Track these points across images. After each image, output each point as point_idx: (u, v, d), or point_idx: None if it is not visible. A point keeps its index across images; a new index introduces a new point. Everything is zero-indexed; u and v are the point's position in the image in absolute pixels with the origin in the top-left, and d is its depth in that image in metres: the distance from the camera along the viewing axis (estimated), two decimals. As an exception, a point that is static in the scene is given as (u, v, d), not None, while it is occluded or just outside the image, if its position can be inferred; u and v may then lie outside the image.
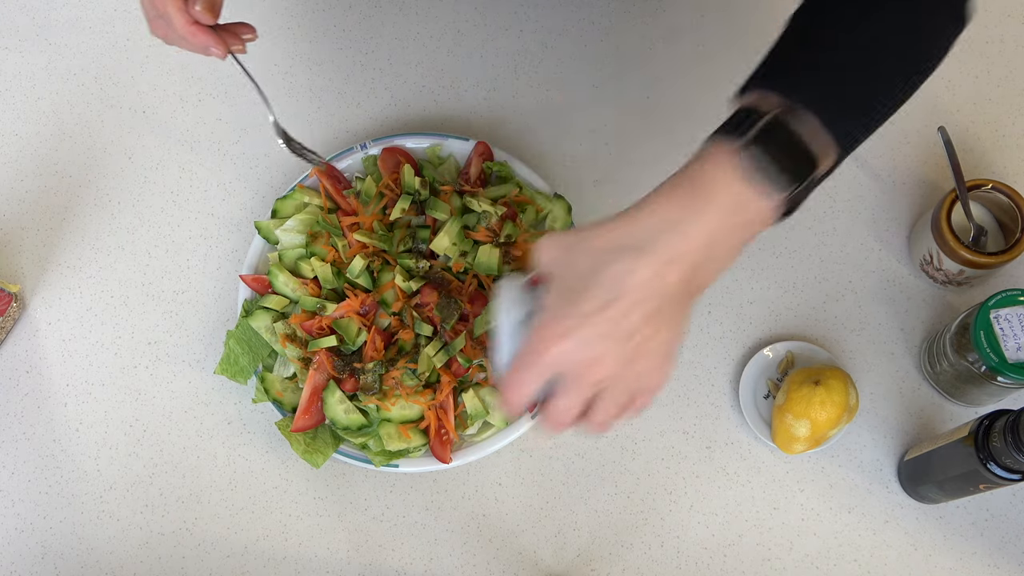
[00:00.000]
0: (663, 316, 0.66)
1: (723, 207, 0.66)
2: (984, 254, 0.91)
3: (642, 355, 0.67)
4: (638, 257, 0.65)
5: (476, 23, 1.10)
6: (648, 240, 0.65)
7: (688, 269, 0.66)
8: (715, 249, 0.67)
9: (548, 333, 0.66)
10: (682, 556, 0.93)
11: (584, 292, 0.65)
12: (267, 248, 0.99)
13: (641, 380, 0.68)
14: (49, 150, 1.07)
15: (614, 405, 0.68)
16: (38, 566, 0.95)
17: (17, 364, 1.00)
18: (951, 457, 0.84)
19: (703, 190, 0.66)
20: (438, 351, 0.92)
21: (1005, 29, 1.07)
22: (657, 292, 0.66)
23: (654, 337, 0.66)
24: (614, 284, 0.65)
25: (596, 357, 0.66)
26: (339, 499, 0.95)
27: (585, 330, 0.65)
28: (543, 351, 0.66)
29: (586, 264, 0.66)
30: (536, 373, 0.67)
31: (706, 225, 0.66)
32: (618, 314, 0.65)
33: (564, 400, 0.68)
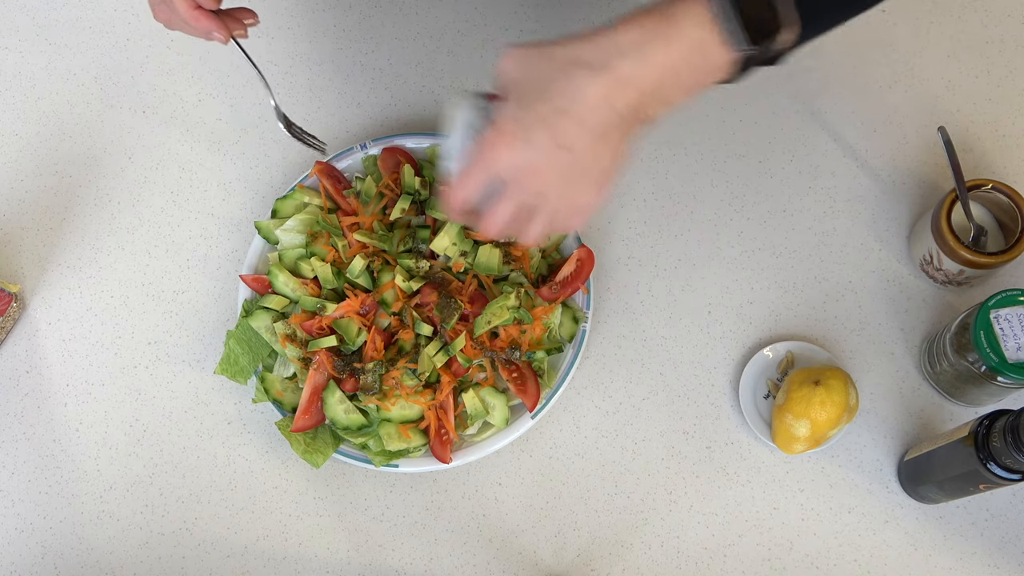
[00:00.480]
0: (606, 139, 0.68)
1: (686, 42, 0.66)
2: (984, 254, 0.91)
3: (580, 173, 0.68)
4: (593, 74, 0.66)
5: (476, 23, 1.10)
6: (606, 59, 0.66)
7: (638, 96, 0.67)
8: (668, 83, 0.67)
9: (495, 138, 0.68)
10: (682, 556, 0.93)
11: (534, 101, 0.67)
12: (267, 248, 0.99)
13: (575, 197, 0.70)
14: (49, 150, 1.07)
15: (546, 217, 0.70)
16: (38, 566, 0.95)
17: (17, 364, 1.00)
18: (951, 457, 0.84)
19: (671, 22, 0.66)
20: (438, 351, 0.92)
21: (1005, 29, 1.07)
22: (605, 113, 0.67)
23: (593, 158, 0.68)
24: (565, 97, 0.66)
25: (536, 166, 0.67)
26: (339, 499, 0.95)
27: (530, 135, 0.67)
28: (487, 153, 0.68)
29: (542, 75, 0.67)
30: (479, 174, 0.69)
31: (666, 55, 0.66)
32: (564, 127, 0.66)
33: (501, 204, 0.70)
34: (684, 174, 1.04)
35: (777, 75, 1.06)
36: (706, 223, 1.02)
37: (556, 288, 0.94)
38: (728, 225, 1.02)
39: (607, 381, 0.98)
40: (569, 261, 0.96)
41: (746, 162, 1.04)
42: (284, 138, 1.07)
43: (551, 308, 0.93)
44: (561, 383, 0.93)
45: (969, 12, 1.08)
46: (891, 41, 1.07)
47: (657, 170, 1.04)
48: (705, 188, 1.03)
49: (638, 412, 0.97)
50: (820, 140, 1.04)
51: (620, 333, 0.99)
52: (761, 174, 1.03)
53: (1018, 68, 1.06)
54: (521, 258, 0.95)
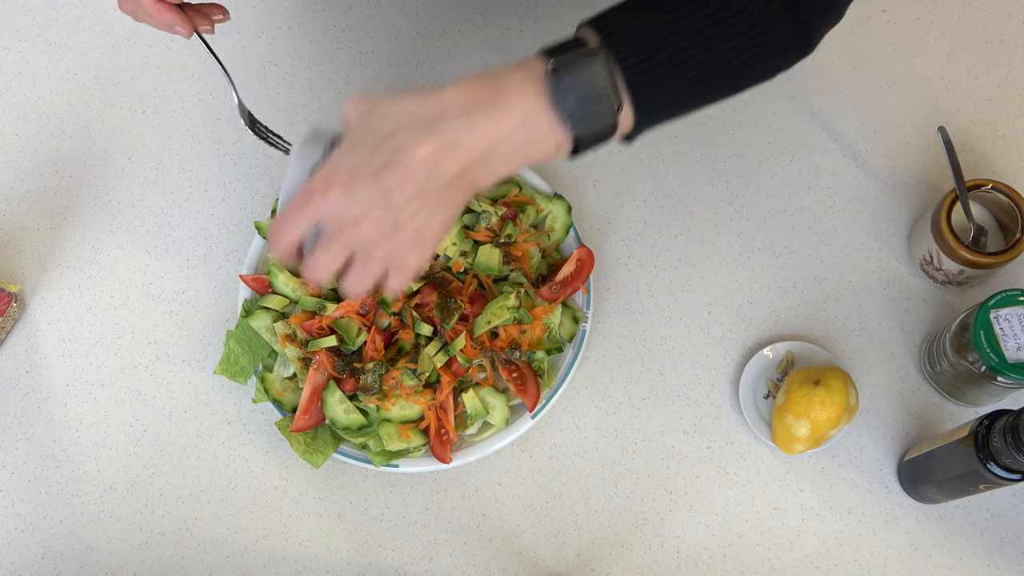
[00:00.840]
0: (431, 200, 0.67)
1: (516, 116, 0.66)
2: (984, 254, 0.91)
3: (403, 231, 0.67)
4: (424, 133, 0.66)
5: (476, 23, 1.10)
6: (438, 120, 0.66)
7: (465, 161, 0.67)
8: (496, 153, 0.67)
9: (320, 183, 0.67)
10: (682, 556, 0.93)
11: (366, 152, 0.67)
12: (267, 248, 0.99)
13: (398, 255, 0.69)
14: (49, 150, 1.07)
15: (368, 271, 0.69)
16: (38, 566, 0.95)
17: (17, 364, 1.00)
18: (951, 457, 0.84)
19: (505, 93, 0.67)
20: (438, 351, 0.92)
21: (1005, 29, 1.07)
22: (431, 174, 0.66)
23: (417, 217, 0.67)
24: (395, 153, 0.66)
25: (357, 216, 0.67)
26: (339, 499, 0.95)
27: (354, 186, 0.66)
28: (311, 197, 0.67)
29: (378, 127, 0.67)
30: (301, 217, 0.68)
31: (495, 125, 0.66)
32: (390, 182, 0.66)
33: (322, 252, 0.69)
34: (684, 174, 1.04)
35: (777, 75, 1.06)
36: (706, 223, 1.02)
37: (556, 288, 0.94)
38: (728, 225, 1.02)
39: (607, 381, 0.98)
40: (569, 261, 0.96)
41: (746, 162, 1.04)
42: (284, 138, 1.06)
43: (551, 308, 0.93)
44: (561, 383, 0.93)
45: (969, 12, 1.08)
46: (891, 41, 1.07)
47: (657, 170, 1.04)
48: (705, 188, 1.03)
49: (638, 412, 0.97)
50: (820, 140, 1.04)
51: (620, 333, 0.99)
52: (761, 174, 1.03)
53: (1018, 68, 1.06)
54: (521, 258, 0.95)
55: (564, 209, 0.98)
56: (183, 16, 0.81)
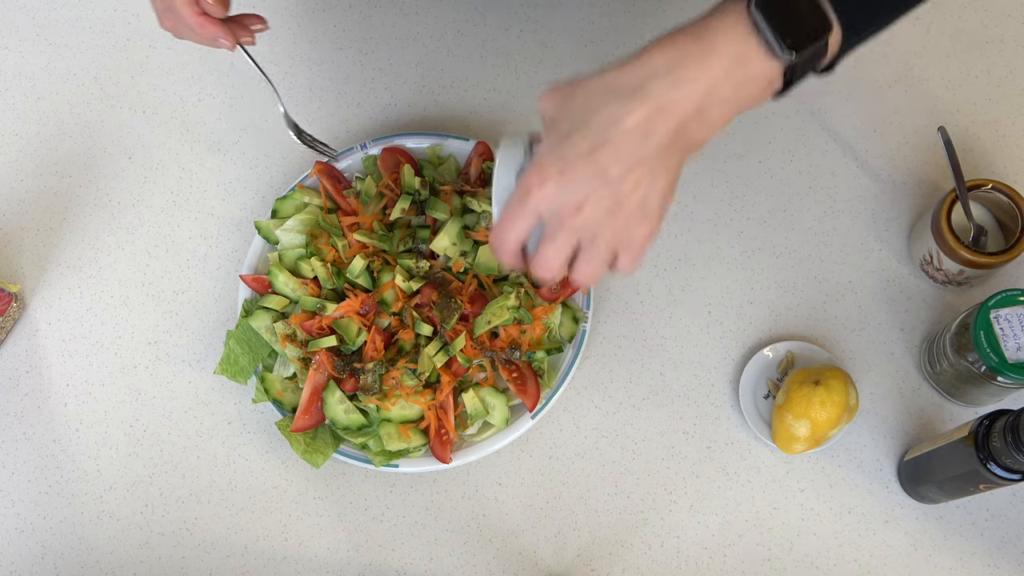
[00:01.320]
0: (649, 168, 0.65)
1: (725, 57, 0.64)
2: (984, 254, 0.91)
3: (626, 206, 0.66)
4: (629, 101, 0.64)
5: (476, 23, 1.10)
6: (642, 85, 0.64)
7: (678, 120, 0.64)
8: (710, 103, 0.65)
9: (534, 177, 0.66)
10: (682, 556, 0.93)
11: (572, 135, 0.65)
12: (267, 248, 0.99)
13: (626, 233, 0.67)
14: (49, 150, 1.07)
15: (598, 256, 0.68)
16: (38, 566, 0.95)
17: (17, 364, 1.00)
18: (951, 457, 0.84)
19: (707, 38, 0.64)
20: (438, 351, 0.92)
21: (1005, 29, 1.07)
22: (645, 141, 0.64)
23: (638, 189, 0.65)
24: (603, 128, 0.64)
25: (578, 201, 0.65)
26: (339, 499, 0.95)
27: (569, 173, 0.64)
28: (527, 193, 0.66)
29: (578, 108, 0.65)
30: (521, 217, 0.66)
31: (705, 74, 0.64)
32: (604, 159, 0.64)
33: (548, 246, 0.67)
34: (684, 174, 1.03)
35: (777, 75, 1.06)
36: (706, 223, 1.02)
37: (556, 288, 0.94)
38: (728, 225, 1.02)
39: (607, 381, 0.98)
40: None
41: (746, 162, 1.04)
42: (284, 138, 1.06)
43: (551, 308, 0.93)
44: (561, 383, 0.93)
45: (969, 12, 1.08)
46: (891, 41, 1.07)
47: (657, 170, 1.04)
48: (705, 188, 1.03)
49: (638, 412, 0.97)
50: (820, 140, 1.04)
51: (620, 333, 0.99)
52: (761, 174, 1.03)
53: (1018, 68, 1.06)
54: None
55: (564, 209, 0.98)
56: (226, 29, 0.80)
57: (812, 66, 0.68)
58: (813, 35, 0.65)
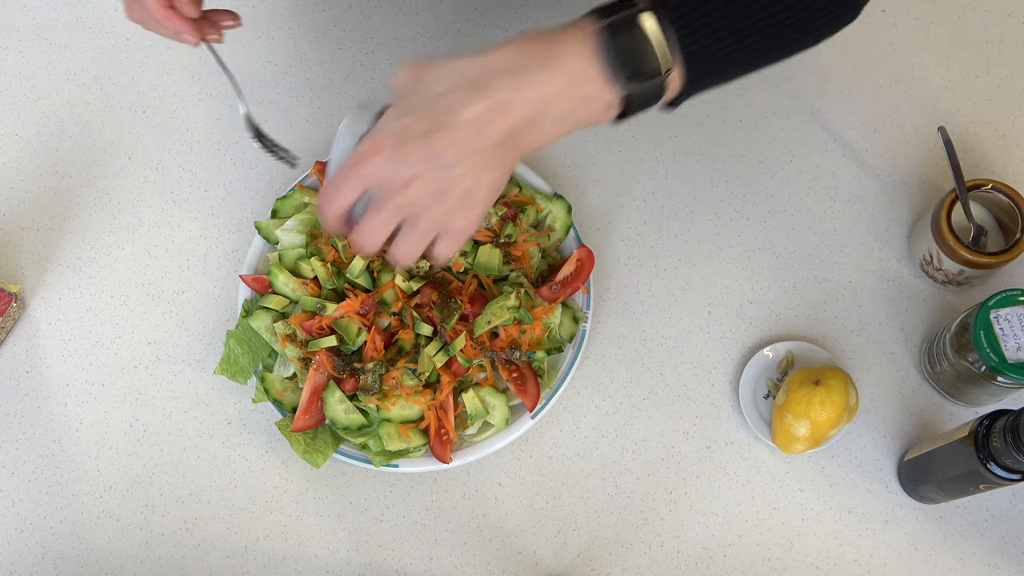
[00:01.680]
0: (480, 161, 0.67)
1: (565, 74, 0.66)
2: (984, 254, 0.91)
3: (452, 193, 0.67)
4: (471, 92, 0.66)
5: (476, 23, 1.10)
6: (486, 80, 0.66)
7: (514, 121, 0.66)
8: (545, 114, 0.67)
9: (369, 146, 0.67)
10: (682, 556, 0.93)
11: (414, 113, 0.67)
12: (267, 248, 0.99)
13: (447, 219, 0.69)
14: (49, 150, 1.07)
15: (417, 236, 0.69)
16: (38, 566, 0.95)
17: (17, 364, 1.00)
18: (951, 457, 0.84)
19: (554, 51, 0.67)
20: (438, 351, 0.92)
21: (1005, 29, 1.07)
22: (479, 134, 0.66)
23: (465, 179, 0.67)
24: (444, 114, 0.66)
25: (407, 179, 0.67)
26: (339, 499, 0.95)
27: (403, 149, 0.66)
28: (360, 160, 0.67)
29: (428, 89, 0.67)
30: (350, 183, 0.68)
31: (545, 83, 0.66)
32: (439, 143, 0.66)
33: (372, 217, 0.68)
34: (684, 174, 1.04)
35: (777, 75, 1.06)
36: (706, 223, 1.02)
37: (556, 288, 0.94)
38: (728, 225, 1.02)
39: (607, 381, 0.98)
40: (569, 261, 0.96)
41: (746, 162, 1.04)
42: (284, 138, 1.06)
43: (551, 308, 0.93)
44: (561, 383, 0.93)
45: (969, 12, 1.08)
46: (891, 41, 1.07)
47: (657, 170, 1.04)
48: (705, 188, 1.03)
49: (638, 412, 0.97)
50: (820, 140, 1.04)
51: (620, 333, 0.99)
52: (761, 174, 1.03)
53: (1018, 68, 1.06)
54: (521, 258, 0.95)
55: (564, 209, 0.98)
56: (192, 24, 0.80)
57: (651, 100, 0.69)
58: (650, 73, 0.67)
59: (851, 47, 1.07)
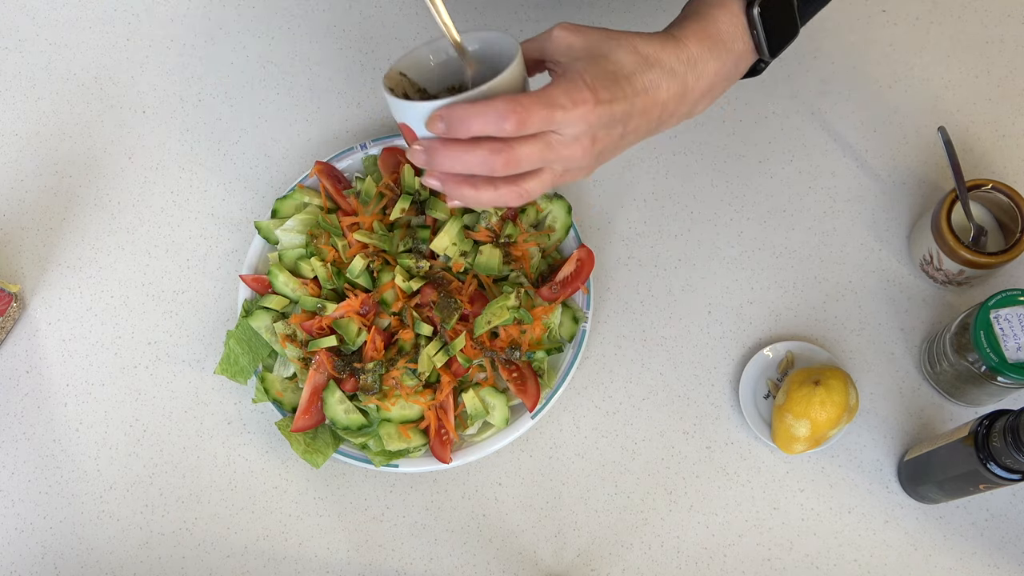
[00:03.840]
0: (640, 134, 0.71)
1: (732, 56, 0.72)
2: (984, 254, 0.91)
3: (604, 153, 0.70)
4: (669, 77, 0.70)
5: (476, 23, 1.10)
6: (677, 68, 0.70)
7: (686, 105, 0.72)
8: (711, 94, 0.73)
9: (589, 94, 0.66)
10: (682, 556, 0.93)
11: (622, 79, 0.68)
12: (267, 248, 0.99)
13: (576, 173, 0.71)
14: (49, 150, 1.07)
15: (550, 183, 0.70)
16: (38, 566, 0.95)
17: (17, 364, 1.00)
18: (951, 457, 0.84)
19: (719, 38, 0.72)
20: (438, 351, 0.92)
21: (1005, 29, 1.07)
22: (663, 113, 0.71)
23: (621, 144, 0.71)
24: (648, 87, 0.69)
25: (599, 137, 0.68)
26: (339, 499, 0.95)
27: (615, 108, 0.67)
28: (577, 103, 0.66)
29: (628, 60, 0.69)
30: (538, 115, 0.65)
31: (719, 70, 0.72)
32: (637, 110, 0.69)
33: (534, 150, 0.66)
34: (684, 174, 1.04)
35: (777, 75, 1.06)
36: (706, 223, 1.02)
37: (556, 288, 0.94)
38: (728, 225, 1.02)
39: (607, 381, 0.98)
40: (569, 261, 0.96)
41: (746, 162, 1.04)
42: (284, 138, 1.07)
43: (551, 308, 0.93)
44: (561, 383, 0.93)
45: (969, 12, 1.08)
46: (891, 41, 1.07)
47: (657, 170, 1.04)
48: (705, 188, 1.03)
49: (638, 412, 0.97)
50: (820, 140, 1.04)
51: (620, 333, 0.99)
52: (761, 174, 1.03)
53: (1018, 68, 1.06)
54: (521, 258, 0.95)
55: (564, 209, 0.98)
56: None
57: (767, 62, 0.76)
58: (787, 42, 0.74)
59: (851, 47, 1.07)
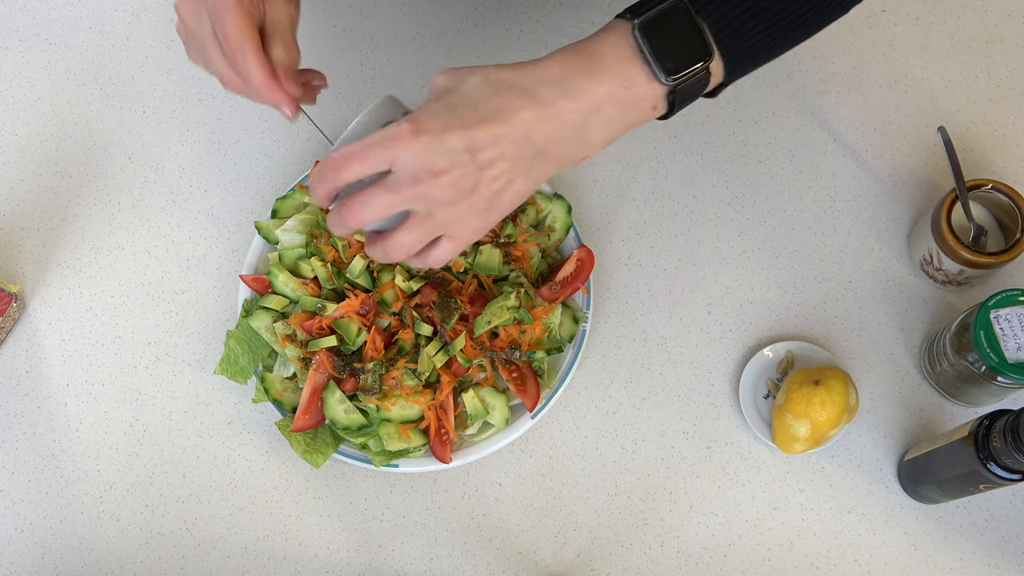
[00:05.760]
0: (516, 167, 0.66)
1: (611, 77, 0.66)
2: (984, 254, 0.91)
3: (480, 193, 0.66)
4: (525, 98, 0.65)
5: (476, 23, 1.10)
6: (535, 88, 0.66)
7: (560, 129, 0.66)
8: (594, 120, 0.67)
9: (408, 126, 0.64)
10: (682, 556, 0.93)
11: (462, 107, 0.65)
12: (267, 248, 0.99)
13: (463, 218, 0.66)
14: (49, 150, 1.07)
15: (425, 231, 0.66)
16: (38, 566, 0.95)
17: (17, 364, 1.00)
18: (951, 457, 0.84)
19: (596, 58, 0.67)
20: (438, 351, 0.92)
21: (1005, 29, 1.07)
22: (526, 139, 0.65)
23: (497, 182, 0.66)
24: (495, 111, 0.65)
25: (440, 168, 0.64)
26: (339, 499, 0.95)
27: (446, 136, 0.64)
28: (394, 138, 0.64)
29: (471, 91, 0.66)
30: (372, 156, 0.64)
31: (593, 89, 0.66)
32: (482, 139, 0.64)
33: (380, 195, 0.65)
34: (684, 174, 1.04)
35: (777, 75, 1.06)
36: (706, 223, 1.02)
37: (556, 288, 0.94)
38: (728, 225, 1.02)
39: (607, 381, 0.98)
40: (569, 261, 0.96)
41: (746, 162, 1.04)
42: (284, 138, 1.07)
43: (551, 308, 0.93)
44: (561, 383, 0.93)
45: (969, 12, 1.08)
46: (891, 41, 1.07)
47: (657, 170, 1.04)
48: (705, 188, 1.03)
49: (638, 412, 0.97)
50: (820, 140, 1.04)
51: (620, 333, 0.99)
52: (761, 174, 1.03)
53: (1018, 68, 1.06)
54: (521, 258, 0.95)
55: (564, 209, 0.98)
56: (291, 98, 0.75)
57: (695, 92, 0.69)
58: (692, 62, 0.67)
59: (851, 47, 1.07)
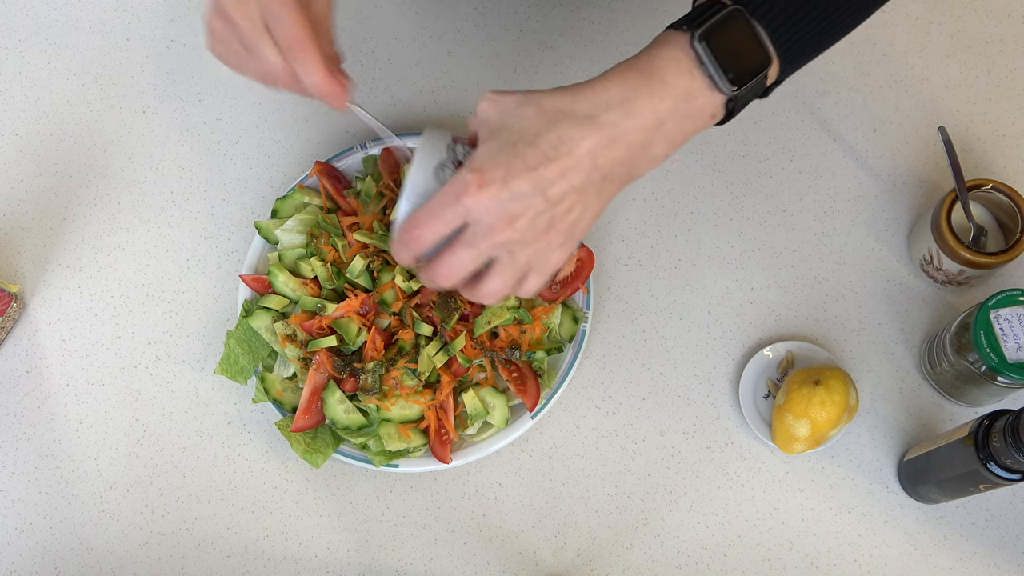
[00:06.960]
0: (588, 194, 0.65)
1: (673, 92, 0.65)
2: (984, 254, 0.91)
3: (556, 227, 0.65)
4: (582, 127, 0.64)
5: (476, 23, 1.10)
6: (596, 113, 0.65)
7: (626, 151, 0.65)
8: (657, 136, 0.66)
9: (474, 179, 0.63)
10: (682, 556, 0.93)
11: (519, 146, 0.64)
12: (267, 248, 0.99)
13: (544, 253, 0.66)
14: (49, 150, 1.07)
15: (513, 273, 0.66)
16: (38, 566, 0.95)
17: (17, 364, 1.00)
18: (951, 457, 0.84)
19: (655, 74, 0.66)
20: (438, 351, 0.92)
21: (1005, 29, 1.07)
22: (592, 168, 0.65)
23: (572, 212, 0.65)
24: (552, 147, 0.64)
25: (514, 214, 0.64)
26: (339, 499, 0.95)
27: (513, 182, 0.63)
28: (462, 194, 0.64)
29: (527, 123, 0.65)
30: (447, 217, 0.64)
31: (656, 107, 0.65)
32: (550, 176, 0.64)
33: (463, 252, 0.65)
34: (684, 174, 1.04)
35: (777, 75, 1.06)
36: (706, 223, 1.02)
37: (556, 288, 0.94)
38: (728, 225, 1.02)
39: (607, 381, 0.98)
40: (569, 261, 0.96)
41: (746, 162, 1.04)
42: (284, 138, 1.07)
43: (551, 308, 0.93)
44: (561, 383, 0.93)
45: (969, 12, 1.08)
46: (891, 41, 1.07)
47: (657, 170, 1.04)
48: (705, 188, 1.03)
49: (638, 412, 0.97)
50: (820, 140, 1.04)
51: (620, 333, 0.99)
52: (761, 174, 1.03)
53: (1018, 68, 1.06)
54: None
55: (564, 209, 0.98)
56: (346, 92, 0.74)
57: (753, 95, 0.69)
58: (754, 69, 0.67)
59: (851, 47, 1.07)
